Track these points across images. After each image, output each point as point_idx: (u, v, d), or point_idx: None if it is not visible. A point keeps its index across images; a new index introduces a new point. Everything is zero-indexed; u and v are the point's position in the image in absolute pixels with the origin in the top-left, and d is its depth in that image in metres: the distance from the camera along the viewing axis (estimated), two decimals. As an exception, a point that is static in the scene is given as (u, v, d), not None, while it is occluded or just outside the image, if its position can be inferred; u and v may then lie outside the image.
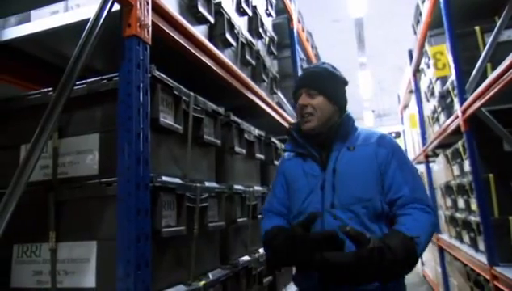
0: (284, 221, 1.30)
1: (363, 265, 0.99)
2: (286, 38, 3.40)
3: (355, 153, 1.26)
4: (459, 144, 2.92)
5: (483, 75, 2.31)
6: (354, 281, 1.03)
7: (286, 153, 1.43)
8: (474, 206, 2.63)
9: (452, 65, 2.62)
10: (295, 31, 3.44)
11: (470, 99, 2.37)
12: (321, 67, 1.37)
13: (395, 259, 1.01)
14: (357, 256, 1.00)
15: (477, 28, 2.57)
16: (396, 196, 1.19)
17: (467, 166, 2.77)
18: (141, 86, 0.97)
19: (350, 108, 1.40)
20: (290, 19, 3.42)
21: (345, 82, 1.39)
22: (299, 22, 3.74)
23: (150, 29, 1.04)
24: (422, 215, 1.16)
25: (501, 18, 2.16)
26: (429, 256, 4.70)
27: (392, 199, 1.20)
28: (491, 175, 2.40)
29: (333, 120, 1.30)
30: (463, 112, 2.54)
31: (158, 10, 1.10)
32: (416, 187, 1.21)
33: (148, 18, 1.03)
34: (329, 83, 1.33)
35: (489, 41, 2.25)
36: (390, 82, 8.88)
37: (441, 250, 4.09)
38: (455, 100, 2.81)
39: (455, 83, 2.64)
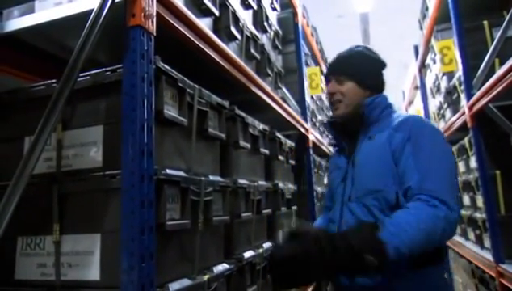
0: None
1: (314, 256, 0.89)
2: (290, 33, 3.38)
3: (374, 143, 1.18)
4: (466, 140, 2.89)
5: (490, 70, 2.28)
6: (304, 278, 0.93)
7: (334, 148, 1.45)
8: (480, 203, 2.61)
9: (459, 60, 2.60)
10: (299, 25, 3.42)
11: (477, 94, 2.35)
12: (353, 51, 1.32)
13: (347, 246, 0.90)
14: (301, 247, 0.90)
15: (485, 23, 2.54)
16: (405, 186, 1.07)
17: (473, 163, 2.74)
18: (146, 77, 0.96)
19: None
20: (295, 14, 3.40)
21: (382, 64, 1.32)
22: (303, 16, 3.71)
23: (155, 20, 1.02)
24: (421, 208, 0.99)
25: (510, 13, 2.12)
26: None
27: (403, 190, 1.08)
28: (498, 172, 2.38)
29: (354, 107, 1.24)
30: (470, 108, 2.52)
31: (163, 1, 1.09)
32: (428, 175, 1.04)
33: (153, 8, 1.02)
34: (361, 67, 1.27)
35: (498, 36, 2.21)
36: (395, 78, 8.82)
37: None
38: (462, 96, 2.78)
39: (462, 79, 2.62)
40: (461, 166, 3.17)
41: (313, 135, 3.50)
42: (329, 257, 0.91)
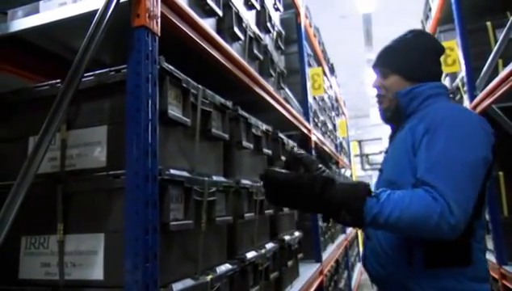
0: None
1: (301, 187, 0.94)
2: (293, 33, 3.37)
3: (401, 134, 1.17)
4: (469, 141, 2.88)
5: (494, 72, 2.27)
6: (290, 202, 1.02)
7: None
8: (483, 204, 2.60)
9: (462, 61, 2.59)
10: (302, 26, 3.42)
11: (480, 95, 2.34)
12: (402, 39, 1.25)
13: (334, 196, 0.94)
14: (298, 177, 0.96)
15: (489, 24, 2.54)
16: (414, 180, 1.03)
17: (476, 164, 2.73)
18: (150, 77, 0.96)
19: (356, 105, 1.38)
20: (297, 14, 3.39)
21: (435, 52, 1.23)
22: (306, 17, 3.71)
23: (159, 20, 1.03)
24: (421, 196, 0.94)
25: (514, 14, 2.12)
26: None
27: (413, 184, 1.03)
28: (501, 173, 2.38)
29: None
30: (473, 109, 2.51)
31: (167, 2, 1.09)
32: (434, 169, 0.97)
33: (158, 8, 1.02)
34: (407, 59, 1.20)
35: (501, 37, 2.21)
36: (397, 79, 8.79)
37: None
38: (465, 97, 2.77)
39: (465, 80, 2.61)
40: (464, 168, 3.16)
41: (315, 135, 3.49)
42: (314, 197, 0.96)
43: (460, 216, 0.92)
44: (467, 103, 2.64)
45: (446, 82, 3.41)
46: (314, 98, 3.80)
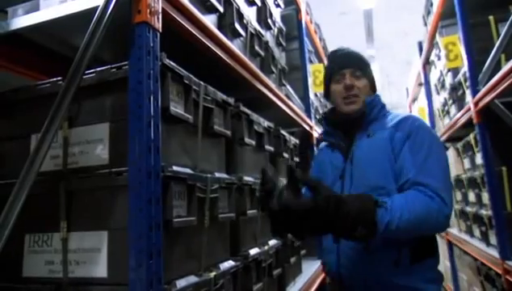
0: None
1: (319, 212, 0.92)
2: (294, 30, 3.36)
3: (373, 140, 1.20)
4: (471, 137, 2.87)
5: (496, 66, 2.26)
6: (310, 229, 0.97)
7: (321, 143, 1.42)
8: (486, 200, 2.59)
9: (465, 56, 2.58)
10: (303, 22, 3.40)
11: (483, 90, 2.33)
12: (354, 50, 1.33)
13: (349, 213, 0.93)
14: (314, 203, 0.93)
15: (491, 18, 2.52)
16: (401, 181, 1.10)
17: (478, 159, 2.73)
18: (152, 73, 0.96)
19: None
20: (298, 11, 3.38)
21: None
22: (307, 13, 3.70)
23: (160, 16, 1.02)
24: (418, 196, 1.03)
25: (517, 7, 2.10)
26: (437, 250, 4.67)
27: (400, 185, 1.11)
28: (504, 168, 2.37)
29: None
30: (476, 104, 2.50)
31: (168, -3, 1.08)
32: (425, 170, 1.08)
33: (159, 4, 1.02)
34: (369, 66, 1.30)
35: (504, 31, 2.19)
36: (398, 75, 8.78)
37: (450, 245, 4.05)
38: (467, 92, 2.76)
39: (468, 75, 2.60)
40: (466, 163, 3.15)
41: (317, 132, 3.49)
42: (330, 217, 0.93)
43: (451, 205, 1.06)
44: (469, 98, 2.63)
45: (448, 77, 3.39)
46: (315, 94, 3.79)
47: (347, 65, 1.27)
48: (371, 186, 1.13)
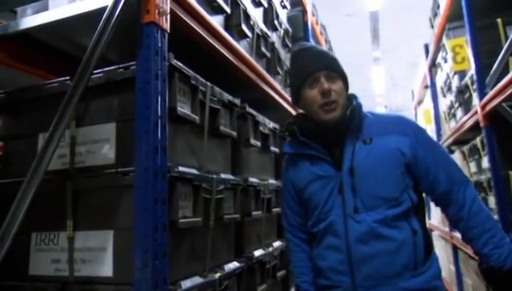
0: (303, 236, 1.23)
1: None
2: (300, 31, 3.35)
3: (374, 147, 1.08)
4: (478, 140, 2.85)
5: (504, 69, 2.24)
6: None
7: (287, 158, 1.24)
8: (492, 204, 2.57)
9: (472, 58, 2.55)
10: (309, 24, 3.39)
11: (490, 93, 2.31)
12: (321, 47, 1.21)
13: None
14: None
15: (499, 21, 2.50)
16: (436, 186, 1.11)
17: (485, 163, 2.70)
18: (160, 74, 0.96)
19: (362, 103, 1.24)
20: (304, 12, 3.37)
21: None
22: (313, 15, 3.69)
23: (168, 16, 1.02)
24: (474, 199, 1.10)
25: (526, 10, 2.08)
26: (442, 255, 4.63)
27: (431, 188, 1.13)
28: (511, 172, 2.34)
29: (344, 108, 1.12)
30: (483, 107, 2.48)
31: (176, -2, 1.09)
32: (448, 167, 1.12)
33: (167, 5, 1.02)
34: (340, 64, 1.14)
35: (512, 34, 2.17)
36: (403, 78, 8.74)
37: (455, 249, 4.02)
38: (474, 95, 2.73)
39: (475, 77, 2.57)
40: (473, 167, 3.12)
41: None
42: None
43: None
44: (476, 101, 2.61)
45: (454, 80, 3.37)
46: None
47: (321, 67, 1.10)
48: (381, 198, 1.06)
